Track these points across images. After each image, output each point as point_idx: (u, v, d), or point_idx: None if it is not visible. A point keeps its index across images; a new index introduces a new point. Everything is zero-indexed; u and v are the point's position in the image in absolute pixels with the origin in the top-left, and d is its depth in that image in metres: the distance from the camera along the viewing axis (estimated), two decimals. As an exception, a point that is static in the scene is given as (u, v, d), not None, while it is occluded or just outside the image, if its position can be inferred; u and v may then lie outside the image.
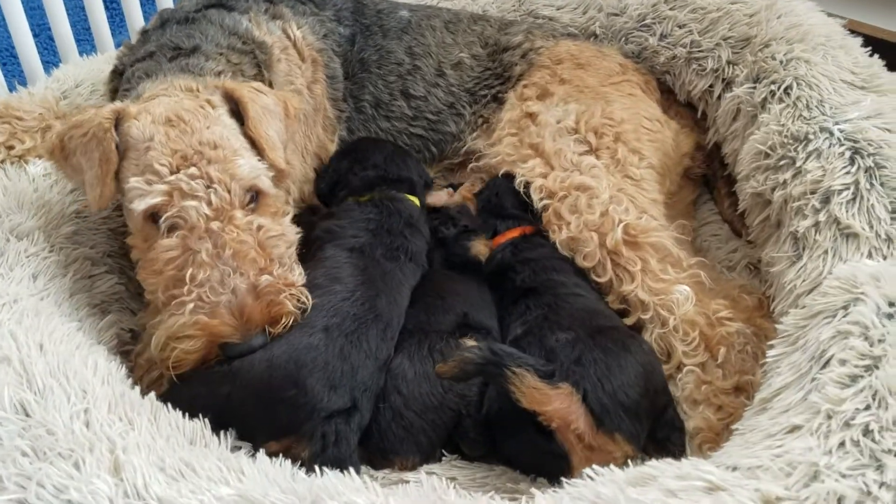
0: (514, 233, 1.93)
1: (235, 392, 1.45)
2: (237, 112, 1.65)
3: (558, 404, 1.40)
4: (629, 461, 1.41)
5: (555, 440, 1.41)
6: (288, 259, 1.61)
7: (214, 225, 1.48)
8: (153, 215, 1.52)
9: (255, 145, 1.64)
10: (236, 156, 1.55)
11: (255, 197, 1.59)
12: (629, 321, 1.76)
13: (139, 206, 1.50)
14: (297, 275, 1.60)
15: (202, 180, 1.49)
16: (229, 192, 1.51)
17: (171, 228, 1.51)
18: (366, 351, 1.54)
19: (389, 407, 1.55)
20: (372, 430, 1.54)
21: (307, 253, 1.79)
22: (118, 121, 1.56)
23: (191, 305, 1.45)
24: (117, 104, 1.61)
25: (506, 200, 1.97)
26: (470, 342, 1.47)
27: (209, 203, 1.49)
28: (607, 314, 1.75)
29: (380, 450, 1.54)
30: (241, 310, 1.47)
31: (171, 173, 1.49)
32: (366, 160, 2.03)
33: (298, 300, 1.54)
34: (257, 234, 1.54)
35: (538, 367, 1.42)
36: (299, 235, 1.70)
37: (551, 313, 1.69)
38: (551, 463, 1.44)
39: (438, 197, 2.10)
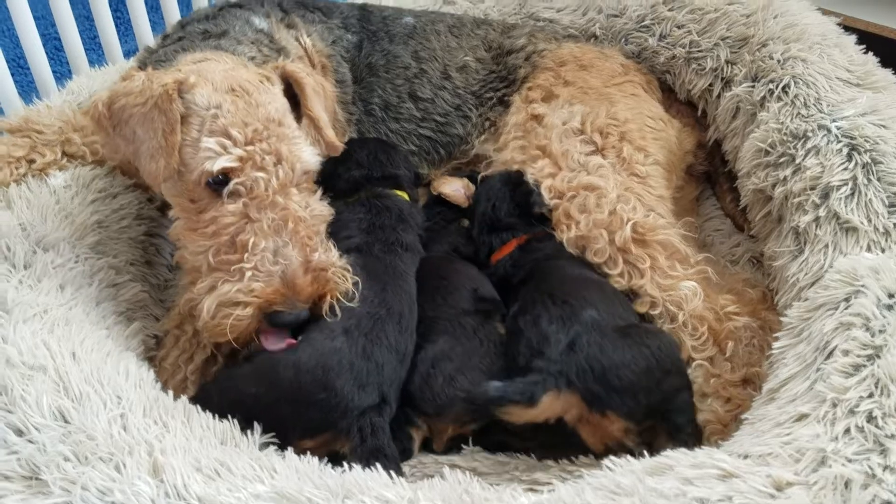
0: (510, 246, 1.96)
1: (265, 394, 1.50)
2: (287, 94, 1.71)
3: (550, 411, 1.48)
4: (631, 434, 1.51)
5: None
6: (324, 238, 1.67)
7: (279, 198, 1.55)
8: (212, 180, 1.55)
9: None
10: (299, 137, 1.63)
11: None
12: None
13: (210, 166, 1.52)
14: (336, 255, 1.65)
15: (272, 156, 1.55)
16: (293, 171, 1.58)
17: (232, 195, 1.55)
18: (387, 346, 1.60)
19: (440, 372, 1.61)
20: (425, 393, 1.61)
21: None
22: (180, 91, 1.57)
23: (249, 273, 1.51)
24: (177, 74, 1.60)
25: (500, 210, 1.99)
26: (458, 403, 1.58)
27: (277, 178, 1.55)
28: (597, 280, 1.79)
29: (436, 410, 1.60)
30: (293, 281, 1.53)
31: (246, 143, 1.54)
32: (349, 159, 2.05)
33: (344, 278, 1.61)
34: (307, 213, 1.61)
35: (520, 399, 1.47)
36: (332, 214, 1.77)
37: (541, 283, 1.74)
38: (566, 438, 1.52)
39: (455, 189, 2.14)
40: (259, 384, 1.51)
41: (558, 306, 1.62)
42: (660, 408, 1.52)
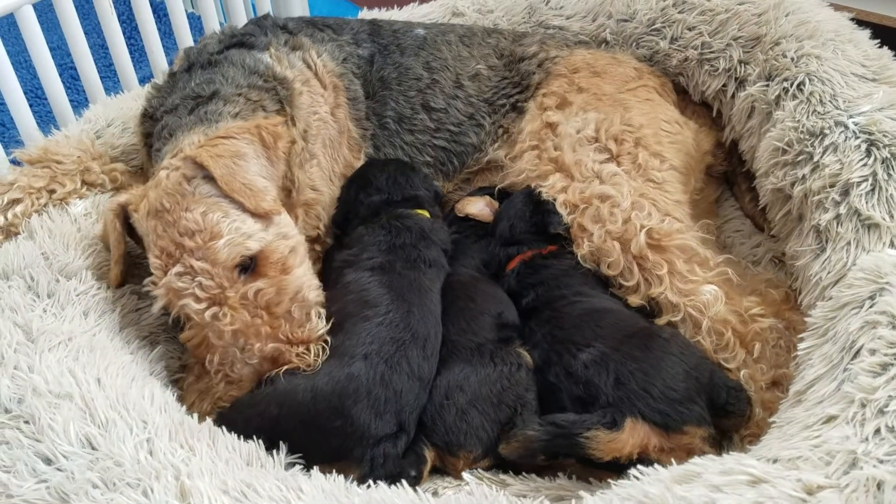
0: (513, 263, 1.96)
1: (284, 417, 1.51)
2: None
3: (633, 440, 1.47)
4: (709, 438, 1.53)
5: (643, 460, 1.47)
6: (297, 309, 1.65)
7: (208, 314, 1.57)
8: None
9: None
10: (213, 238, 1.59)
11: (250, 262, 1.63)
12: (660, 322, 1.79)
13: (153, 309, 1.66)
14: (311, 328, 1.64)
15: (188, 276, 1.58)
16: (213, 278, 1.58)
17: (186, 318, 1.63)
18: (407, 373, 1.58)
19: (453, 404, 1.61)
20: (438, 425, 1.60)
21: (328, 282, 1.84)
22: (127, 210, 1.70)
23: (221, 385, 1.61)
24: (122, 197, 1.73)
25: (517, 228, 2.00)
26: (532, 426, 1.53)
27: (196, 299, 1.58)
28: (611, 309, 1.77)
29: (446, 444, 1.59)
30: (261, 376, 1.60)
31: (164, 273, 1.60)
32: (369, 185, 2.05)
33: (312, 356, 1.61)
34: (255, 300, 1.60)
35: (603, 422, 1.48)
36: (307, 277, 1.74)
37: (555, 329, 1.73)
38: None
39: (480, 209, 2.13)
40: (280, 407, 1.52)
41: (584, 351, 1.63)
42: (710, 396, 1.56)
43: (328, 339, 1.64)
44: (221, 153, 1.66)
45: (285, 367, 1.57)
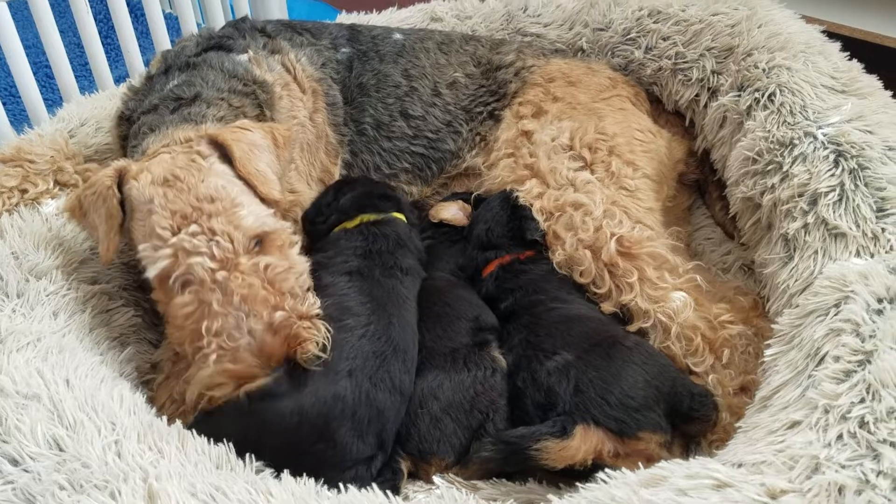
0: (491, 266, 1.97)
1: (264, 438, 1.46)
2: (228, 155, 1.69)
3: (585, 447, 1.48)
4: (666, 444, 1.54)
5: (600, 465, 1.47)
6: (299, 290, 1.63)
7: (220, 275, 1.52)
8: (167, 276, 1.57)
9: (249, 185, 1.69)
10: (236, 206, 1.59)
11: (258, 241, 1.62)
12: (631, 329, 1.81)
13: (151, 272, 1.57)
14: (310, 304, 1.61)
15: (204, 236, 1.54)
16: (232, 241, 1.55)
17: (185, 285, 1.56)
18: (389, 388, 1.57)
19: (427, 412, 1.61)
20: (412, 433, 1.60)
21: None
22: (121, 179, 1.64)
23: (213, 356, 1.50)
24: (120, 162, 1.68)
25: (494, 232, 2.01)
26: (485, 446, 1.55)
27: (212, 256, 1.53)
28: (585, 316, 1.78)
29: (419, 451, 1.59)
30: (261, 349, 1.50)
31: (173, 234, 1.54)
32: (349, 185, 2.07)
33: (316, 330, 1.56)
34: (265, 272, 1.57)
35: (552, 432, 1.50)
36: (308, 264, 1.73)
37: (530, 335, 1.73)
38: None
39: (454, 213, 2.14)
40: (260, 429, 1.46)
41: (550, 359, 1.64)
42: (671, 404, 1.57)
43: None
44: (240, 138, 1.70)
45: (291, 349, 1.52)
